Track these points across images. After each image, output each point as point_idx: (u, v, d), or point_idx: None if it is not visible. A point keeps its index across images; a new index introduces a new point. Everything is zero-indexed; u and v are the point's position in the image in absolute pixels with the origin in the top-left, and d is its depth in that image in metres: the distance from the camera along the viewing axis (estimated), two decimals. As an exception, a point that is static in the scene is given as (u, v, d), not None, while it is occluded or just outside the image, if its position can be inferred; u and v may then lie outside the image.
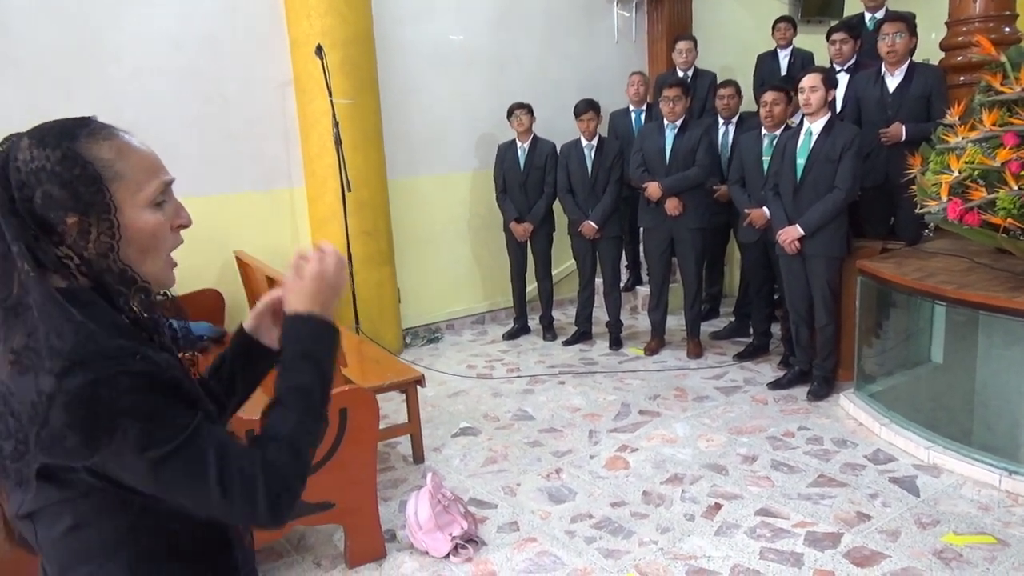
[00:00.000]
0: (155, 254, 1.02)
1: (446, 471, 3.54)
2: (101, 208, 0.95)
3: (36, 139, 0.95)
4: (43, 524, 0.97)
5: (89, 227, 0.94)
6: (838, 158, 3.90)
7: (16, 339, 0.90)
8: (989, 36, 3.54)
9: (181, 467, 0.91)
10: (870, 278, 3.87)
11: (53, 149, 0.94)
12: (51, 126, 0.97)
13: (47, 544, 0.98)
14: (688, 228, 4.80)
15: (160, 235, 1.01)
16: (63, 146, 0.94)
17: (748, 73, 6.08)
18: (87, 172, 0.94)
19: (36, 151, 0.93)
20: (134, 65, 4.41)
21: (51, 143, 0.94)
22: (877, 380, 4.02)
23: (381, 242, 5.13)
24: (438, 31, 5.51)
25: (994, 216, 2.98)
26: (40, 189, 0.93)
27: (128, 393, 0.87)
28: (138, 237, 0.99)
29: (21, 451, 0.89)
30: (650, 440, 3.79)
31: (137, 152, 1.00)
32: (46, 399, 0.86)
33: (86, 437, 0.87)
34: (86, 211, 0.94)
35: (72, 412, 0.86)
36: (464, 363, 5.14)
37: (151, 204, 1.00)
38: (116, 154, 0.97)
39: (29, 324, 0.90)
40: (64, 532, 0.96)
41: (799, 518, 3.01)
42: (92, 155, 0.95)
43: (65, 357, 0.86)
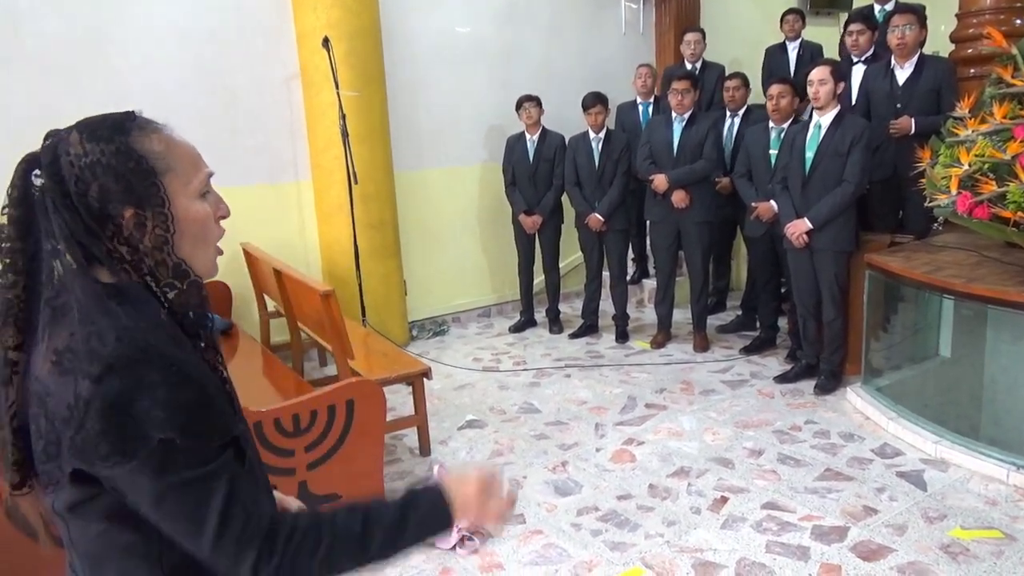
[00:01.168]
0: (205, 245, 1.03)
1: (452, 463, 3.55)
2: (156, 201, 0.96)
3: (87, 133, 0.95)
4: (76, 522, 0.96)
5: (145, 220, 0.95)
6: (847, 151, 3.88)
7: (59, 339, 0.90)
8: (1000, 28, 3.51)
9: (186, 500, 0.89)
10: (878, 272, 3.85)
11: (107, 143, 0.94)
12: (100, 120, 0.98)
13: (81, 541, 0.98)
14: (695, 221, 4.79)
15: (209, 225, 1.03)
16: (117, 140, 0.95)
17: (756, 66, 6.05)
18: (141, 166, 0.95)
19: (89, 145, 0.94)
20: (141, 58, 4.42)
21: (104, 137, 0.95)
22: (885, 374, 4.01)
23: (387, 235, 5.13)
24: (445, 23, 5.50)
25: (1004, 210, 2.96)
26: (96, 183, 0.93)
27: (164, 407, 0.86)
28: (191, 228, 1.00)
29: (51, 453, 0.89)
30: (656, 433, 3.79)
31: (182, 145, 1.02)
32: (83, 404, 0.85)
33: (119, 446, 0.86)
34: (141, 204, 0.95)
35: (108, 419, 0.85)
36: (470, 356, 5.14)
37: (199, 195, 1.02)
38: (165, 147, 0.99)
39: (72, 324, 0.89)
40: (99, 532, 0.95)
41: (805, 512, 3.01)
42: (144, 148, 0.97)
43: (104, 361, 0.86)
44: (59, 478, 0.91)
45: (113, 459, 0.86)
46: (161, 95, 4.45)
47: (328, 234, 5.04)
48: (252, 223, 4.82)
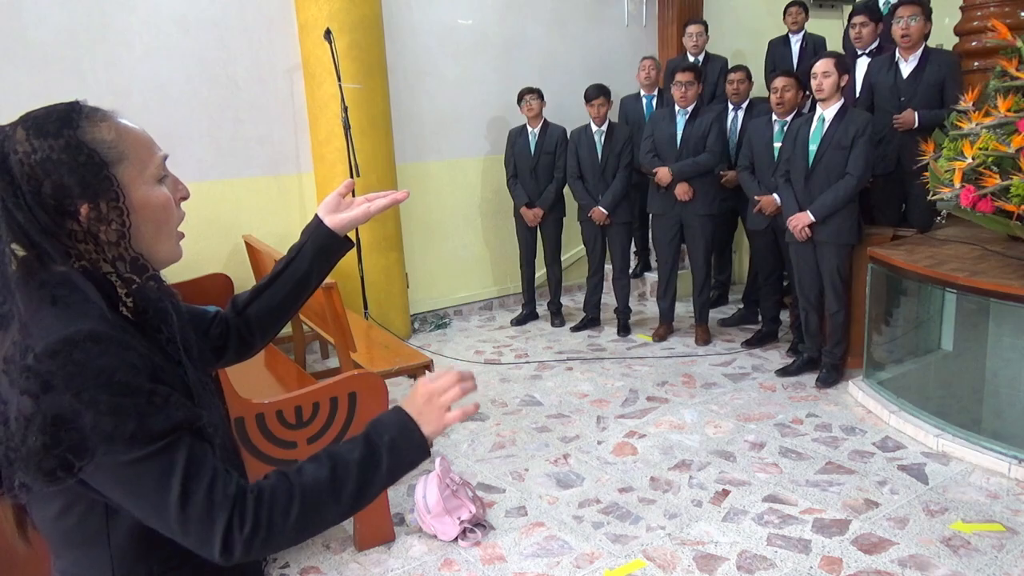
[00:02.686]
0: (168, 230, 1.01)
1: (454, 456, 3.56)
2: (111, 194, 0.93)
3: (33, 129, 0.92)
4: (36, 507, 0.96)
5: (100, 215, 0.93)
6: (850, 144, 3.87)
7: (6, 347, 0.88)
8: (1005, 21, 3.50)
9: (145, 479, 0.88)
10: (881, 265, 3.85)
11: (56, 138, 0.92)
12: (44, 114, 0.94)
13: (40, 526, 0.98)
14: (697, 215, 4.78)
15: (170, 209, 1.01)
16: (65, 134, 0.92)
17: (760, 58, 6.03)
18: (93, 159, 0.92)
19: (37, 142, 0.91)
20: (143, 49, 4.41)
21: (52, 132, 0.92)
22: (886, 367, 4.01)
23: (389, 227, 5.13)
24: (447, 15, 5.48)
25: (1008, 203, 2.95)
26: (49, 180, 0.91)
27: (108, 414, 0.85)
28: (152, 214, 0.98)
29: (10, 458, 0.87)
30: (658, 426, 3.80)
31: (133, 131, 0.99)
32: (24, 420, 0.84)
33: (65, 461, 0.85)
34: (96, 198, 0.92)
35: (52, 433, 0.84)
36: (472, 349, 5.15)
37: (157, 180, 0.99)
38: (116, 136, 0.96)
39: (13, 333, 0.88)
40: (53, 517, 0.95)
41: (807, 505, 3.01)
42: (94, 139, 0.94)
43: (39, 378, 0.84)
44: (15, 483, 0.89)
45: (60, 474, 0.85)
46: (163, 86, 4.45)
47: (330, 226, 5.03)
48: (254, 215, 4.82)
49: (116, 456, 0.86)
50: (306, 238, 1.28)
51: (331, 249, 1.28)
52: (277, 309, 1.29)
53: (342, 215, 1.29)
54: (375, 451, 1.01)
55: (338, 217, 1.29)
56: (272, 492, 0.93)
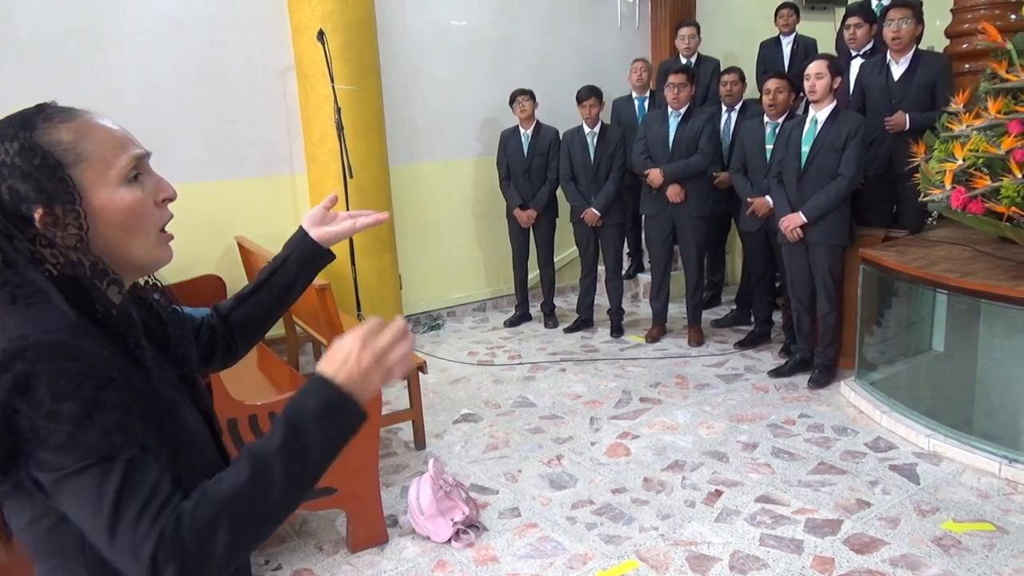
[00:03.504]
0: (141, 232, 0.97)
1: (447, 457, 3.56)
2: (66, 198, 0.91)
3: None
4: (11, 514, 0.95)
5: (56, 219, 0.90)
6: (843, 146, 3.88)
7: None
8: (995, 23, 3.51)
9: (82, 491, 0.84)
10: (872, 266, 3.86)
11: (11, 141, 0.90)
12: (8, 119, 0.93)
13: (17, 535, 0.96)
14: (690, 216, 4.79)
15: (141, 211, 0.96)
16: (20, 137, 0.91)
17: (751, 60, 6.05)
18: (46, 161, 0.90)
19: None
20: (135, 50, 4.39)
21: (8, 135, 0.91)
22: (878, 368, 4.02)
23: (382, 229, 5.11)
24: (440, 16, 5.48)
25: (998, 204, 2.97)
26: (4, 184, 0.89)
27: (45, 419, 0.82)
28: (118, 217, 0.94)
29: None
30: (651, 427, 3.80)
31: (100, 129, 0.95)
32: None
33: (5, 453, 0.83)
34: (51, 202, 0.90)
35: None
36: (465, 350, 5.14)
37: (124, 180, 0.95)
38: (76, 135, 0.93)
39: None
40: (26, 525, 0.94)
41: (799, 505, 3.02)
42: (51, 141, 0.91)
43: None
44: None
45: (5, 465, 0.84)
46: (156, 87, 4.43)
47: (323, 228, 5.02)
48: (246, 216, 4.80)
49: (52, 464, 0.84)
50: (291, 250, 1.30)
51: (315, 261, 1.31)
52: (260, 317, 1.30)
53: (327, 228, 1.32)
54: (298, 431, 0.90)
55: (323, 230, 1.32)
56: (192, 514, 0.84)
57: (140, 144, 0.99)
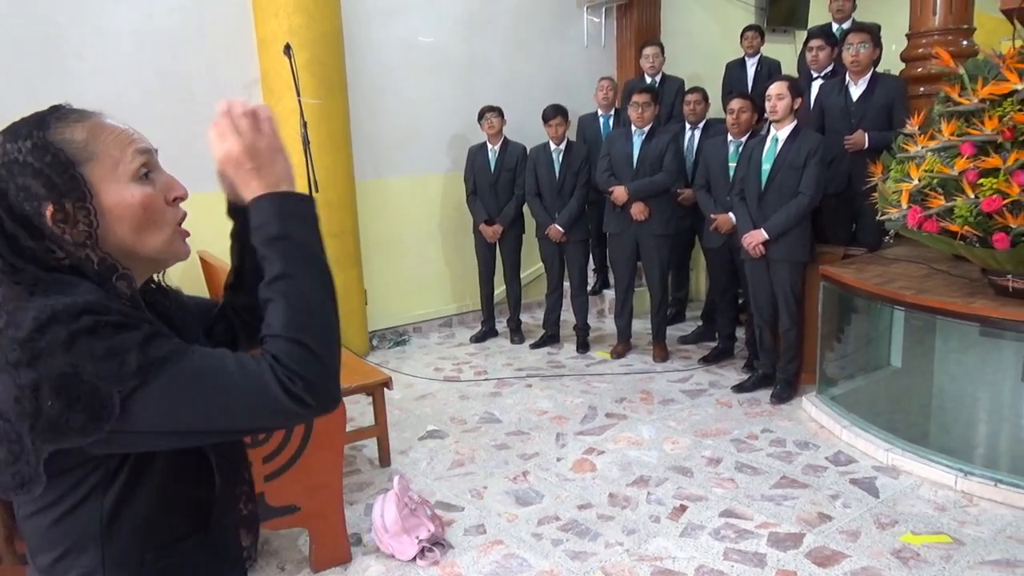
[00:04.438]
0: (154, 228, 0.99)
1: (413, 474, 3.53)
2: (76, 195, 0.92)
3: (8, 134, 0.93)
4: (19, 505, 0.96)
5: (66, 216, 0.92)
6: (803, 165, 3.97)
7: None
8: (948, 49, 3.63)
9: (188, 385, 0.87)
10: (832, 283, 3.94)
11: (25, 140, 0.92)
12: (24, 119, 0.95)
13: (24, 524, 0.97)
14: (653, 234, 4.82)
15: (153, 207, 0.98)
16: (34, 135, 0.92)
17: (715, 80, 6.16)
18: (58, 158, 0.92)
19: (9, 145, 0.92)
20: (97, 60, 4.33)
21: (23, 134, 0.93)
22: (838, 383, 4.09)
23: (348, 244, 5.09)
24: (408, 32, 5.49)
25: (952, 224, 3.05)
26: (14, 182, 0.91)
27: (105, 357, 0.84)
28: (128, 213, 0.96)
29: (16, 452, 0.86)
30: (616, 443, 3.81)
31: (110, 128, 0.98)
32: (30, 391, 0.83)
33: (92, 413, 0.83)
34: (61, 199, 0.92)
35: (64, 395, 0.82)
36: (431, 366, 5.12)
37: (135, 177, 0.97)
38: (88, 134, 0.95)
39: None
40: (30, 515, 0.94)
41: (762, 519, 3.05)
42: (63, 139, 0.93)
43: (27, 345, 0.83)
44: (32, 475, 0.88)
45: (91, 427, 0.84)
46: (116, 98, 4.35)
47: (288, 242, 4.97)
48: (210, 231, 4.66)
49: (136, 390, 0.85)
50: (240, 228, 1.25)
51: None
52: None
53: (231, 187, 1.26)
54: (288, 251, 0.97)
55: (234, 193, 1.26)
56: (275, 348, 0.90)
57: (148, 142, 1.02)
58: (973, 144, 3.06)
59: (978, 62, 3.24)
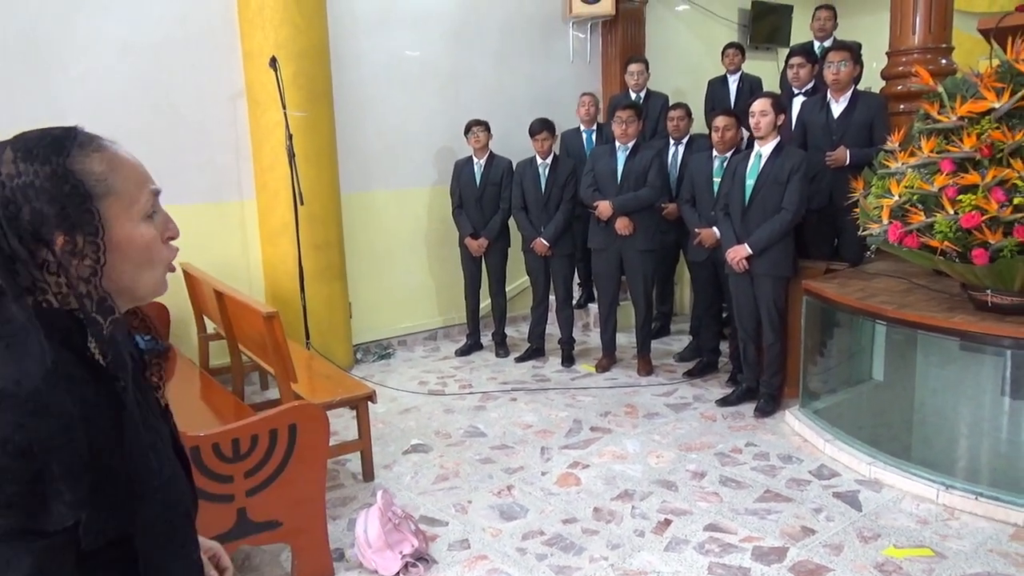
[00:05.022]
0: (151, 268, 0.97)
1: (397, 488, 3.50)
2: (90, 228, 0.89)
3: (21, 152, 0.89)
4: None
5: (75, 248, 0.89)
6: (786, 180, 4.01)
7: None
8: (927, 67, 3.68)
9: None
10: (815, 298, 3.97)
11: (43, 164, 0.88)
12: (37, 138, 0.91)
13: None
14: (637, 249, 4.83)
15: (155, 248, 0.97)
16: (53, 161, 0.89)
17: (698, 96, 6.22)
18: (78, 190, 0.89)
19: (23, 165, 0.88)
20: (80, 71, 4.31)
21: (40, 157, 0.88)
22: (821, 397, 4.11)
23: (333, 256, 5.08)
24: (394, 46, 5.51)
25: (932, 239, 3.08)
26: (28, 206, 0.87)
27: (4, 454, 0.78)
28: (134, 252, 0.94)
29: None
30: (601, 457, 3.81)
31: (127, 163, 0.95)
32: None
33: None
34: (73, 230, 0.88)
35: None
36: (416, 379, 5.10)
37: (145, 217, 0.95)
38: (108, 167, 0.92)
39: None
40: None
41: (746, 533, 3.05)
42: (83, 169, 0.90)
43: None
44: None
45: None
46: (99, 109, 4.34)
47: (272, 255, 4.97)
48: (193, 243, 4.67)
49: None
50: None
51: None
52: None
53: None
54: None
55: None
56: None
57: (155, 181, 1.00)
58: (952, 161, 3.10)
59: (956, 80, 3.29)
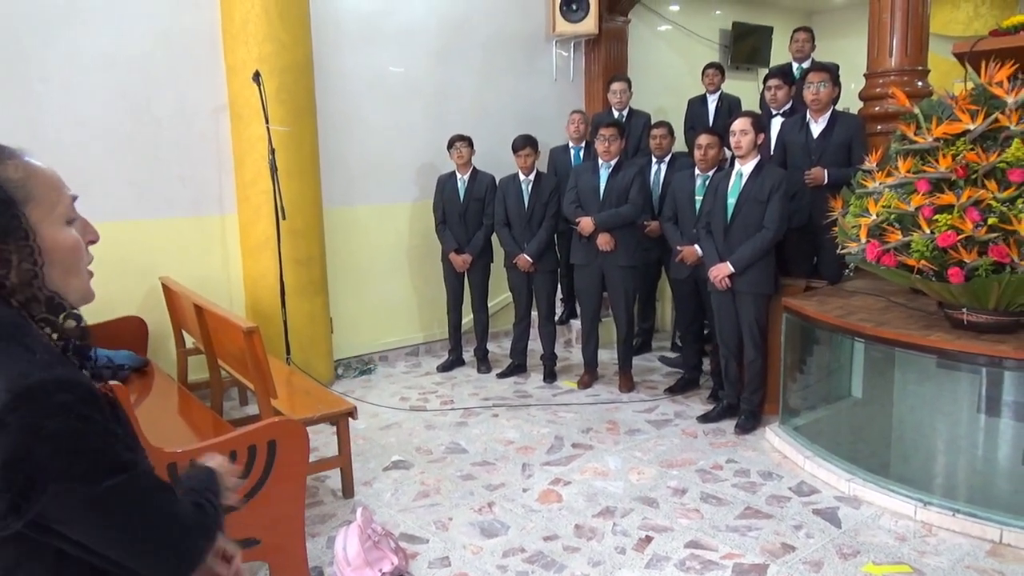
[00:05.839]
0: (77, 272, 0.98)
1: (377, 505, 3.47)
2: (19, 234, 0.90)
3: None
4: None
5: (9, 255, 0.90)
6: (766, 199, 4.05)
7: None
8: (904, 89, 3.75)
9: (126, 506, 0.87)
10: (795, 315, 4.00)
11: None
12: None
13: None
14: (619, 266, 4.86)
15: (79, 252, 0.98)
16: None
17: (680, 114, 6.29)
18: (0, 198, 0.90)
19: None
20: (61, 83, 4.28)
21: None
22: (801, 414, 4.14)
23: (315, 271, 5.05)
24: (378, 62, 5.53)
25: (909, 258, 3.13)
26: None
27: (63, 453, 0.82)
28: (61, 256, 0.95)
29: None
30: (583, 473, 3.80)
31: (42, 171, 0.96)
32: None
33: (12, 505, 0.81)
34: (4, 238, 0.89)
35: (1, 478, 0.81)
36: (397, 395, 5.07)
37: (65, 222, 0.97)
38: (24, 175, 0.93)
39: None
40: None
41: (727, 550, 3.05)
42: (1, 178, 0.91)
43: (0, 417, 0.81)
44: None
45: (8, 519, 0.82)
46: (81, 122, 4.32)
47: (253, 269, 4.94)
48: (173, 256, 4.68)
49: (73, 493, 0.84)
50: None
51: None
52: None
53: None
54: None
55: None
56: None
57: (69, 187, 1.01)
58: (928, 181, 3.15)
59: (932, 102, 3.35)
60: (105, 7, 4.40)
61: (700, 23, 8.00)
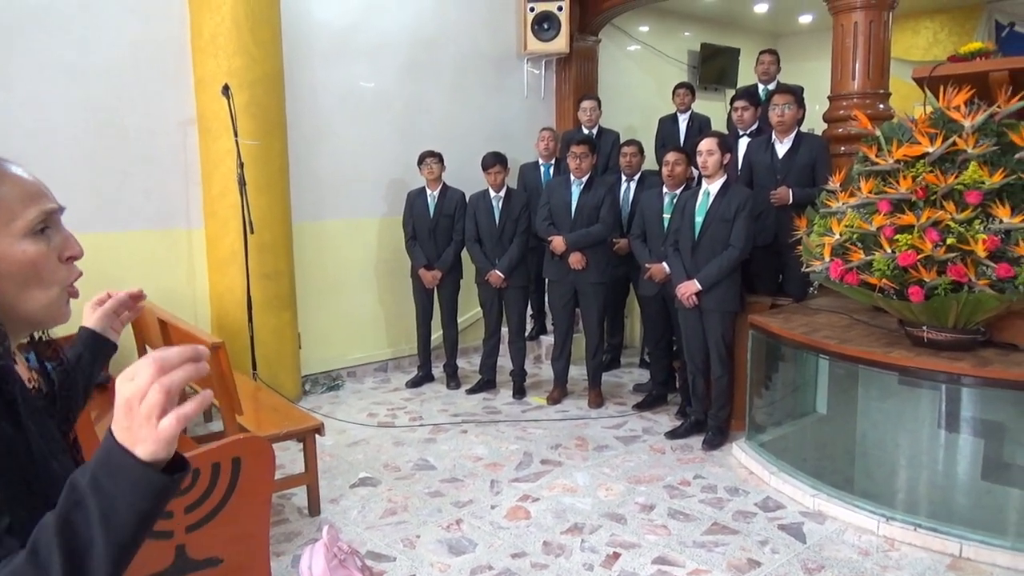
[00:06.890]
0: (40, 287, 0.94)
1: (343, 523, 3.43)
2: None
3: None
4: None
5: None
6: (733, 218, 4.11)
7: None
8: (866, 112, 3.85)
9: None
10: (760, 332, 4.05)
11: None
12: None
13: None
14: (590, 282, 4.91)
15: (42, 266, 0.93)
16: None
17: (649, 134, 6.37)
18: None
19: None
20: (26, 93, 4.21)
21: None
22: (767, 430, 4.18)
23: (282, 286, 5.01)
24: (349, 77, 5.53)
25: (871, 276, 3.19)
26: None
27: None
28: (14, 269, 0.91)
29: None
30: (551, 490, 3.80)
31: (11, 179, 0.93)
32: None
33: None
34: None
35: None
36: (365, 411, 5.03)
37: (29, 233, 0.92)
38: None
39: None
40: None
41: (694, 566, 3.07)
42: None
43: None
44: None
45: None
46: (45, 132, 4.25)
47: (220, 284, 4.88)
48: (138, 270, 4.61)
49: None
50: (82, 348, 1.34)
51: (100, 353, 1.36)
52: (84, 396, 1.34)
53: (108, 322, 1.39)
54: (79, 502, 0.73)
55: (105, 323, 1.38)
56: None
57: (54, 198, 0.97)
58: (890, 202, 3.22)
59: (893, 125, 3.44)
60: (72, 16, 4.35)
61: (669, 44, 8.13)
